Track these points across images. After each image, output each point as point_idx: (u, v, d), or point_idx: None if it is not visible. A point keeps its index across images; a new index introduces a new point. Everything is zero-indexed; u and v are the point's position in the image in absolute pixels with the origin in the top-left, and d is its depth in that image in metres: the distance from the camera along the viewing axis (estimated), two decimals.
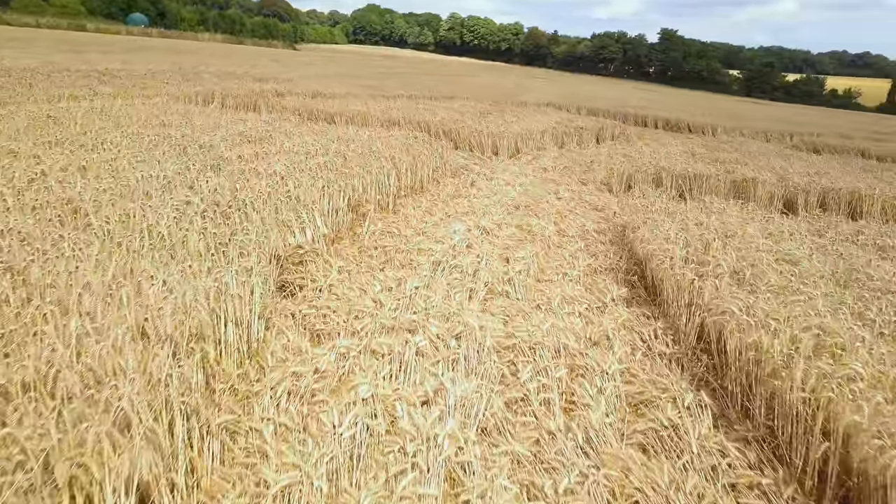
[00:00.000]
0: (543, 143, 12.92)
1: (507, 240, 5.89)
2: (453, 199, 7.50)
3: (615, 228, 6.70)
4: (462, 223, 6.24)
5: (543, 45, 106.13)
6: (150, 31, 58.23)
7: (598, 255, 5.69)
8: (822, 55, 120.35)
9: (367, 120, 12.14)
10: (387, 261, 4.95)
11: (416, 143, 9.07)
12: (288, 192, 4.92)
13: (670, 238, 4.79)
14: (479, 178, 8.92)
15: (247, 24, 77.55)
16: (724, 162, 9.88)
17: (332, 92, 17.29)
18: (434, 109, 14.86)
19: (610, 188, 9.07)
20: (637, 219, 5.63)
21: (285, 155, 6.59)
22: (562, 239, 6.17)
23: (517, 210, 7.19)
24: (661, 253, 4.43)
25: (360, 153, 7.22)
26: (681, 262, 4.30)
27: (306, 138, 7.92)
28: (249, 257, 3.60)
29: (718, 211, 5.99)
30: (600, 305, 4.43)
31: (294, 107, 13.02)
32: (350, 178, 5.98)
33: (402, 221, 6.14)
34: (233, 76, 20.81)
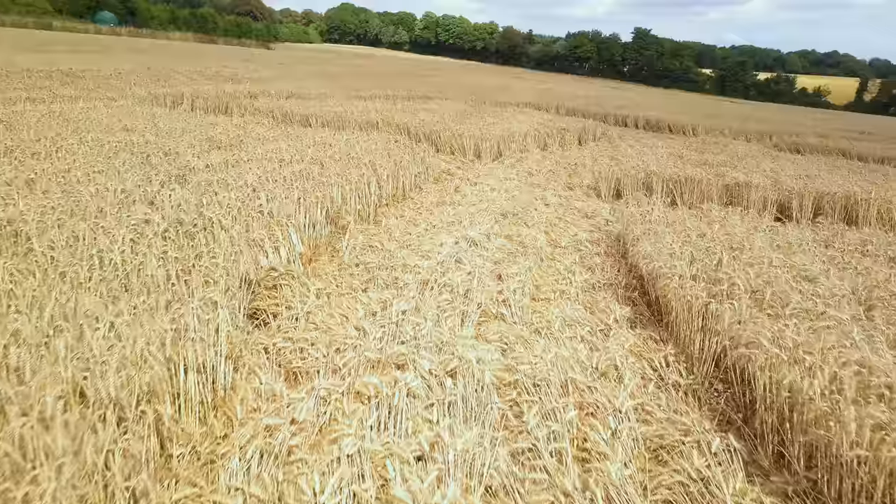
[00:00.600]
0: (526, 144, 12.59)
1: (498, 252, 5.53)
2: (438, 206, 7.12)
3: (609, 238, 6.38)
4: (449, 234, 5.86)
5: (518, 44, 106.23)
6: (119, 30, 56.84)
7: (595, 268, 5.35)
8: (792, 54, 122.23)
9: (345, 122, 11.69)
10: (370, 280, 4.54)
11: (397, 147, 8.66)
12: (260, 207, 4.48)
13: (675, 253, 4.46)
14: (462, 184, 8.55)
15: (219, 23, 76.19)
16: (712, 165, 9.64)
17: (308, 93, 16.81)
18: (413, 110, 14.47)
19: (598, 193, 8.75)
20: (635, 230, 5.30)
21: (257, 163, 6.15)
22: (555, 251, 5.82)
23: (505, 219, 6.83)
24: (666, 270, 4.09)
25: (338, 159, 6.80)
26: (689, 279, 3.97)
27: (280, 143, 7.46)
28: (216, 285, 3.17)
29: (719, 220, 5.69)
30: (604, 328, 4.08)
31: (267, 109, 12.52)
32: (328, 187, 5.56)
33: (384, 233, 5.74)
34: (204, 76, 20.19)
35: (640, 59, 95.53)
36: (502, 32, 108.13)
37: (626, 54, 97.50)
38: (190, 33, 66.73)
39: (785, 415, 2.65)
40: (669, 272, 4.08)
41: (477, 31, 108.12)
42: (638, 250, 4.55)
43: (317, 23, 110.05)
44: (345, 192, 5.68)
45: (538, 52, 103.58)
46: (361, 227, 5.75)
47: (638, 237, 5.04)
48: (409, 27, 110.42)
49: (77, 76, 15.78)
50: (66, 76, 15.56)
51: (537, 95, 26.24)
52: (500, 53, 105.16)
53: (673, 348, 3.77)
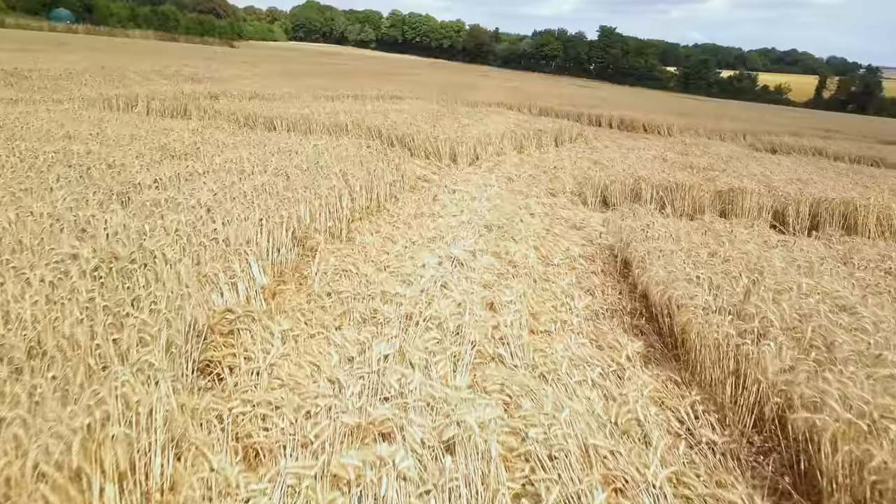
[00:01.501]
0: (503, 147, 12.08)
1: (486, 273, 4.97)
2: (416, 219, 6.54)
3: (603, 253, 5.88)
4: (431, 253, 5.28)
5: (485, 42, 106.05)
6: (75, 28, 54.67)
7: (594, 290, 4.84)
8: (753, 52, 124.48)
9: (312, 125, 11.01)
10: (344, 313, 3.94)
11: (369, 153, 8.04)
12: (215, 232, 3.84)
13: (691, 278, 3.96)
14: (441, 192, 7.97)
15: (181, 21, 74.10)
16: (699, 168, 9.25)
17: (272, 93, 16.02)
18: (384, 111, 13.84)
19: (584, 200, 8.27)
20: (637, 248, 4.80)
21: (214, 176, 5.48)
22: (548, 270, 5.29)
23: (490, 232, 6.28)
24: (686, 300, 3.59)
25: (305, 169, 6.16)
26: (712, 310, 3.47)
27: (241, 151, 6.79)
28: (155, 342, 2.55)
29: (726, 233, 5.23)
30: (616, 368, 3.56)
31: (229, 111, 11.76)
32: (294, 203, 4.94)
33: (359, 254, 5.13)
34: (162, 76, 19.20)
35: (605, 58, 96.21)
36: (469, 31, 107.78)
37: (591, 52, 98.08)
38: (150, 31, 64.69)
39: (870, 498, 2.15)
40: (689, 303, 3.57)
41: (444, 30, 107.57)
42: (650, 276, 4.03)
43: (281, 20, 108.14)
44: (313, 209, 5.06)
45: (505, 50, 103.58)
46: (333, 248, 5.14)
47: (644, 257, 4.53)
48: (375, 25, 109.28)
49: (22, 76, 14.74)
50: (11, 76, 14.51)
51: (509, 95, 25.81)
52: (466, 51, 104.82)
53: (698, 392, 3.27)
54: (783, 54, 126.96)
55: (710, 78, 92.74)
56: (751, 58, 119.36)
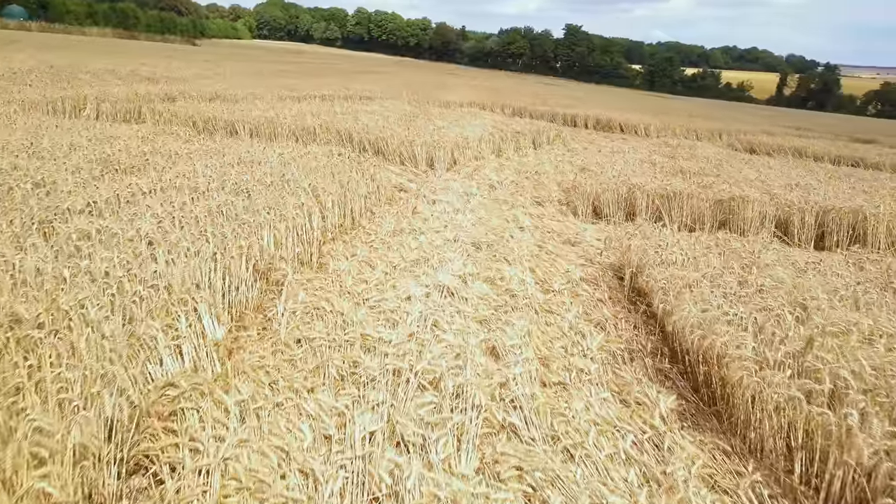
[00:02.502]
0: (481, 150, 11.45)
1: (481, 305, 4.33)
2: (395, 237, 5.85)
3: (606, 275, 5.28)
4: (416, 280, 4.62)
5: (452, 40, 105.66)
6: (28, 25, 52.31)
7: (605, 324, 4.23)
8: (716, 50, 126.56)
9: (277, 130, 10.22)
10: (318, 368, 3.25)
11: (341, 162, 7.33)
12: (155, 276, 3.10)
13: (728, 315, 3.37)
14: (420, 203, 7.30)
15: (141, 19, 71.79)
16: (690, 173, 8.75)
17: (234, 94, 15.11)
18: (354, 113, 13.09)
19: (574, 210, 7.68)
20: (654, 275, 4.20)
21: (162, 195, 4.71)
22: (548, 298, 4.66)
23: (479, 251, 5.64)
24: (731, 348, 2.99)
25: (269, 184, 5.43)
26: (767, 364, 2.88)
27: (196, 163, 6.02)
28: (54, 461, 1.83)
29: (748, 253, 4.67)
30: (651, 433, 2.94)
31: (186, 114, 10.87)
32: (256, 228, 4.21)
33: (333, 284, 4.43)
34: (116, 76, 18.05)
35: (571, 56, 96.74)
36: (435, 29, 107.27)
37: (558, 50, 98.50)
38: (109, 29, 62.54)
39: None
40: (736, 353, 2.97)
41: (410, 28, 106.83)
42: (683, 317, 3.42)
43: (245, 18, 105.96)
44: (278, 234, 4.34)
45: (472, 48, 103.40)
46: (303, 278, 4.42)
47: (664, 287, 3.93)
48: (340, 23, 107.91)
49: None
50: None
51: (482, 94, 25.24)
52: (433, 50, 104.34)
53: (756, 467, 2.67)
54: (744, 52, 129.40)
55: (675, 76, 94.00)
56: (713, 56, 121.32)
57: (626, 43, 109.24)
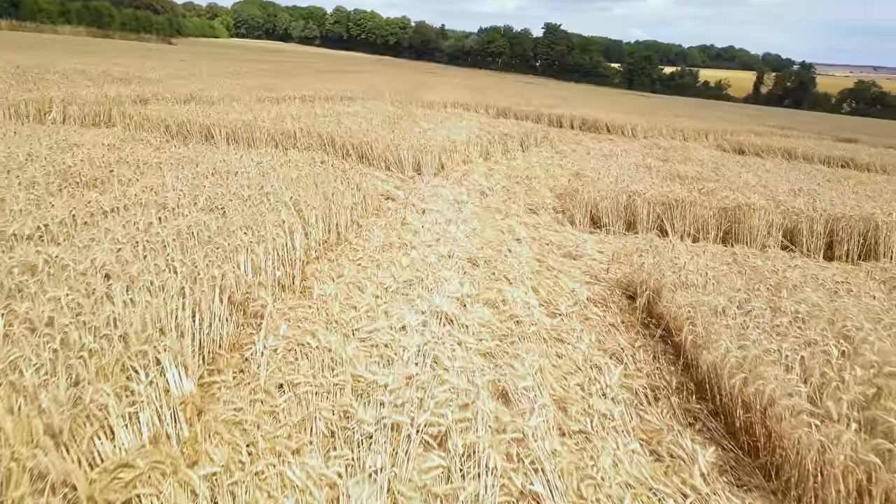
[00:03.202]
0: (469, 154, 11.03)
1: (484, 334, 3.92)
2: (384, 252, 5.41)
3: (615, 294, 4.88)
4: (410, 305, 4.18)
5: (432, 39, 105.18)
6: None
7: (622, 354, 3.82)
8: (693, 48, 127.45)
9: (255, 135, 9.69)
10: (303, 422, 2.80)
11: (324, 170, 6.85)
12: (110, 323, 2.62)
13: (769, 352, 2.97)
14: (409, 213, 6.86)
15: (116, 17, 70.17)
16: (690, 178, 8.41)
17: (210, 95, 14.50)
18: (336, 115, 12.58)
19: (571, 219, 7.28)
20: (678, 299, 3.81)
21: (125, 214, 4.20)
22: (557, 324, 4.24)
23: (476, 268, 5.22)
24: (783, 397, 2.60)
25: (247, 198, 4.95)
26: (829, 418, 2.49)
27: (166, 175, 5.51)
28: None
29: (770, 272, 4.29)
30: (694, 498, 2.54)
31: (159, 117, 10.28)
32: (232, 253, 3.74)
33: (318, 313, 3.98)
34: (86, 77, 17.28)
35: (551, 54, 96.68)
36: (415, 27, 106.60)
37: (537, 49, 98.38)
38: (82, 27, 61.06)
39: None
40: (788, 403, 2.58)
41: (389, 26, 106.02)
42: (721, 356, 3.02)
43: (222, 17, 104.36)
44: (257, 258, 3.87)
45: (451, 47, 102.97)
46: (285, 306, 3.97)
47: (689, 316, 3.54)
48: (319, 22, 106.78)
49: None
50: None
51: (465, 94, 24.82)
52: (413, 48, 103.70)
53: None
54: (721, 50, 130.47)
55: (654, 74, 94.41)
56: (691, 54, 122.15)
57: (605, 41, 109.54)
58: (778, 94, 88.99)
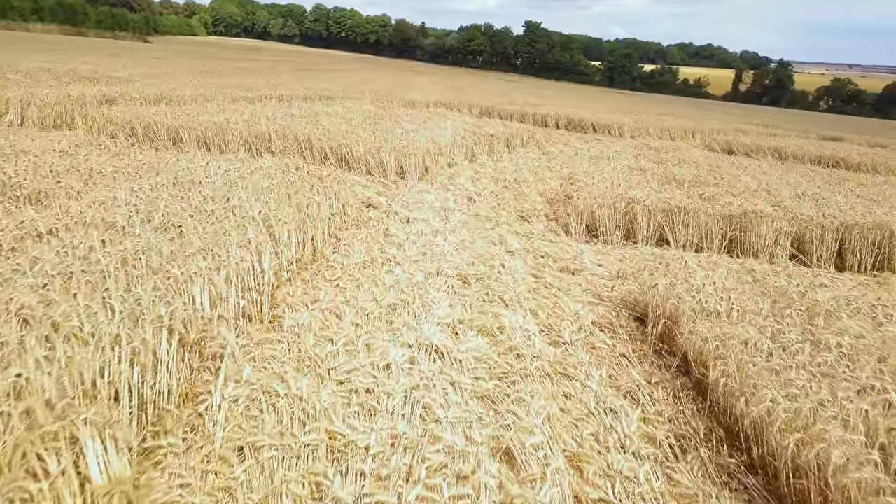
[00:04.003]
0: (454, 157, 10.53)
1: (481, 371, 3.42)
2: (366, 270, 4.88)
3: (621, 315, 4.41)
4: (395, 337, 3.67)
5: (412, 37, 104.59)
6: None
7: (637, 393, 3.34)
8: (672, 46, 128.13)
9: (227, 137, 9.10)
10: (266, 500, 2.29)
11: (299, 177, 6.30)
12: (12, 394, 2.06)
13: (824, 404, 2.51)
14: (392, 223, 6.34)
15: (90, 14, 68.52)
16: (688, 182, 7.99)
17: (182, 95, 13.83)
18: (314, 115, 11.98)
19: (566, 228, 6.81)
20: (702, 330, 3.34)
21: (64, 237, 3.63)
22: (561, 355, 3.75)
23: (467, 287, 4.73)
24: (852, 467, 2.13)
25: (209, 213, 4.40)
26: None
27: (121, 186, 4.93)
28: None
29: (798, 295, 3.84)
30: None
31: (124, 119, 9.62)
32: (185, 284, 3.20)
33: (289, 350, 3.44)
34: (52, 76, 16.46)
35: (532, 52, 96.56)
36: (395, 25, 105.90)
37: (518, 47, 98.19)
38: (55, 25, 59.53)
39: None
40: (856, 476, 2.11)
41: (369, 24, 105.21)
42: (766, 408, 2.54)
43: (200, 15, 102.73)
44: (216, 289, 3.33)
45: (432, 45, 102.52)
46: (250, 342, 3.43)
47: (717, 351, 3.07)
48: (298, 20, 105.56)
49: None
50: None
51: (447, 93, 24.31)
52: (393, 47, 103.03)
53: None
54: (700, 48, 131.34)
55: (634, 72, 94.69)
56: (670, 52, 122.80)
57: (585, 40, 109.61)
58: (756, 92, 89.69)
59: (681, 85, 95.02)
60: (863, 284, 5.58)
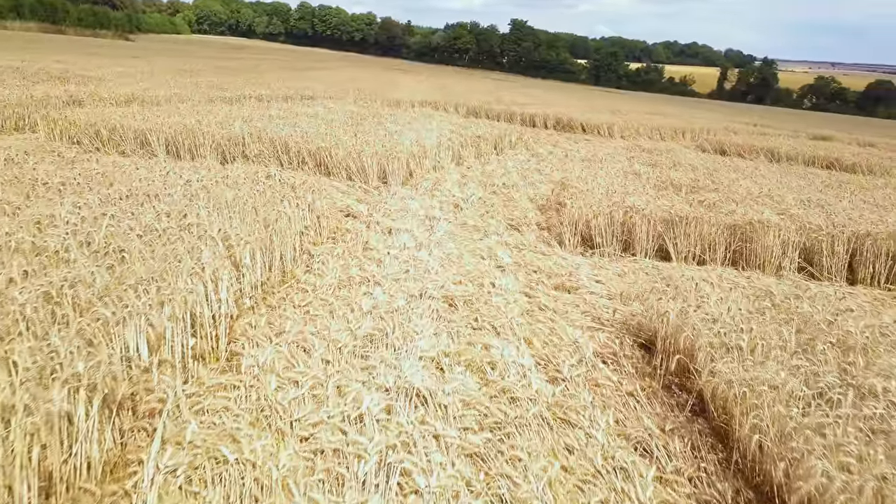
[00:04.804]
0: (440, 160, 10.04)
1: (468, 419, 2.96)
2: (341, 292, 4.40)
3: (625, 344, 3.95)
4: (370, 378, 3.19)
5: (398, 35, 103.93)
6: None
7: (650, 444, 2.88)
8: (658, 45, 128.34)
9: (198, 141, 8.54)
10: None
11: (270, 186, 5.79)
12: None
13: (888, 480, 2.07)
14: (373, 235, 5.85)
15: (71, 12, 67.10)
16: (686, 187, 7.56)
17: (156, 95, 13.23)
18: (293, 116, 11.44)
19: (559, 238, 6.35)
20: (724, 372, 2.89)
21: None
22: (560, 396, 3.28)
23: (454, 311, 4.25)
24: None
25: (161, 233, 3.88)
26: None
27: (64, 201, 4.39)
28: None
29: (825, 323, 3.41)
30: None
31: (88, 122, 9.02)
32: (117, 326, 2.69)
33: (245, 396, 2.95)
34: (21, 74, 15.76)
35: (518, 51, 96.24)
36: (381, 23, 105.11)
37: (504, 45, 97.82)
38: (33, 23, 58.25)
39: None
40: None
41: (355, 22, 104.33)
42: (820, 484, 2.09)
43: (184, 12, 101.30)
44: (155, 331, 2.83)
45: (418, 43, 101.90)
46: (197, 391, 2.93)
47: (746, 400, 2.62)
48: (283, 18, 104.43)
49: None
50: None
51: (433, 92, 23.83)
52: (379, 45, 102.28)
53: None
54: (685, 47, 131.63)
55: (620, 70, 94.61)
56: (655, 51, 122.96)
57: (571, 38, 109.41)
58: (741, 90, 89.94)
59: (666, 83, 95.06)
60: (878, 300, 5.18)
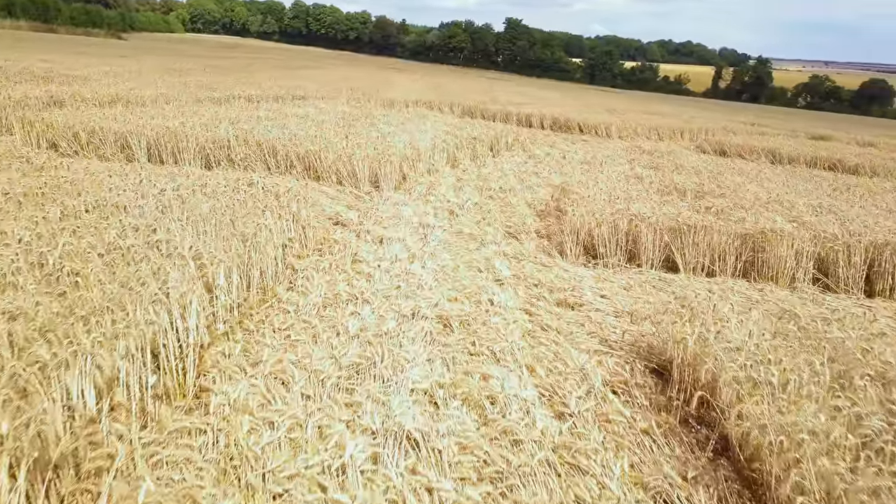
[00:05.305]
0: (434, 162, 9.69)
1: (465, 467, 2.61)
2: (326, 312, 4.04)
3: (636, 371, 3.61)
4: (354, 417, 2.84)
5: (393, 34, 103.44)
6: None
7: (671, 496, 2.54)
8: (652, 44, 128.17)
9: (181, 144, 8.16)
10: None
11: (252, 196, 5.41)
12: None
13: None
14: (362, 245, 5.50)
15: (64, 11, 66.39)
16: (691, 192, 7.22)
17: (141, 96, 12.80)
18: (283, 117, 11.07)
19: (560, 248, 6.00)
20: (754, 414, 2.54)
21: None
22: (567, 435, 2.94)
23: (449, 333, 3.90)
24: None
25: (125, 252, 3.51)
26: None
27: (20, 215, 4.01)
28: None
29: (862, 350, 3.07)
30: None
31: (67, 124, 8.62)
32: (58, 369, 2.33)
33: (211, 443, 2.60)
34: (2, 74, 15.30)
35: (513, 49, 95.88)
36: (375, 22, 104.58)
37: (499, 44, 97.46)
38: (24, 21, 57.62)
39: None
40: None
41: (349, 21, 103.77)
42: None
43: (178, 11, 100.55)
44: (104, 375, 2.46)
45: (412, 42, 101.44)
46: (156, 439, 2.57)
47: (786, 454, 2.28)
48: (278, 16, 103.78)
49: None
50: None
51: (427, 91, 23.46)
52: (373, 44, 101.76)
53: None
54: (679, 45, 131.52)
55: (615, 69, 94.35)
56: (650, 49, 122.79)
57: (566, 37, 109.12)
58: (736, 89, 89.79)
59: (661, 82, 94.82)
60: None
